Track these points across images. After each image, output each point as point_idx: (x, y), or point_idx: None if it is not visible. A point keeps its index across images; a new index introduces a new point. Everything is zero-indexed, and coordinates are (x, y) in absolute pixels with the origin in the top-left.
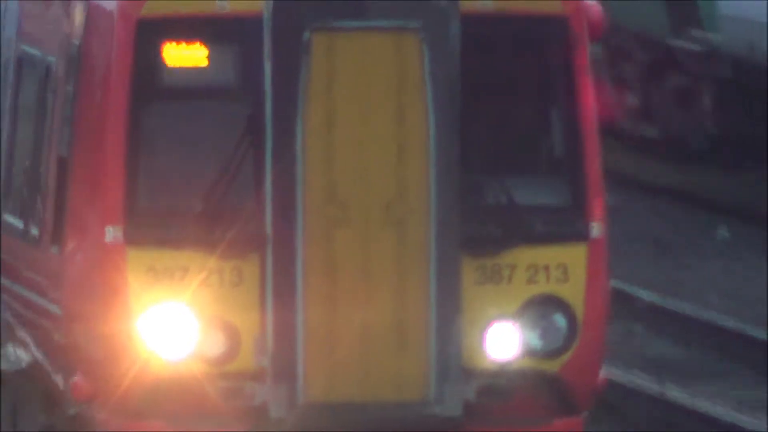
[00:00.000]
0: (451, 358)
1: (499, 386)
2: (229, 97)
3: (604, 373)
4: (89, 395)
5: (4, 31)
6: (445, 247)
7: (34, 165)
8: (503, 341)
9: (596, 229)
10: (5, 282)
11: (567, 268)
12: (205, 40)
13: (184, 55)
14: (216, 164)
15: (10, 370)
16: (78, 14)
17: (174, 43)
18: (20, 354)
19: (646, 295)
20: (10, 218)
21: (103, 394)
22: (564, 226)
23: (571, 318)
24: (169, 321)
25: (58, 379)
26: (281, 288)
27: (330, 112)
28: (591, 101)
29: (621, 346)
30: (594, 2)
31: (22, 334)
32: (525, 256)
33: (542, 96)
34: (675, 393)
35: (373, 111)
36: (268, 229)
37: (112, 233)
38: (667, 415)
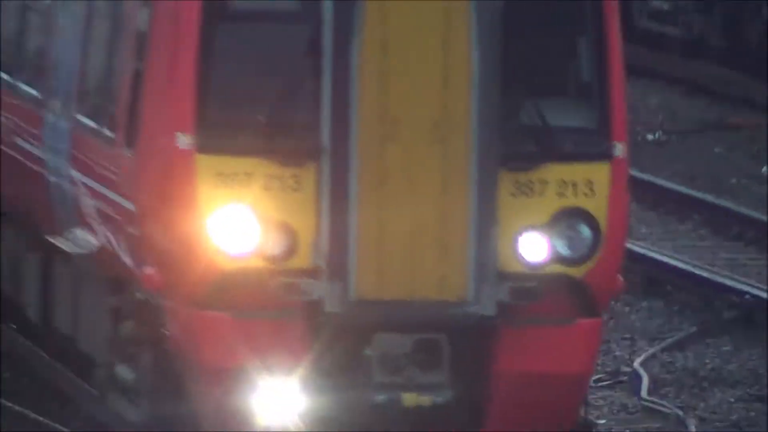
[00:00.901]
0: (487, 262)
1: (530, 288)
2: (291, 22)
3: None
4: (159, 285)
5: None
6: (484, 163)
7: (111, 74)
8: (534, 248)
9: (619, 149)
10: (77, 175)
11: (593, 184)
12: None
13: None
14: (279, 81)
15: (77, 252)
16: None
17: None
18: (89, 239)
19: None
20: (83, 119)
21: (171, 284)
22: (590, 146)
23: (595, 229)
24: (234, 221)
25: (128, 268)
26: (336, 194)
27: (383, 39)
28: (616, 34)
29: None
30: None
31: (93, 222)
32: (555, 172)
33: (572, 28)
34: None
35: (422, 41)
36: (325, 141)
37: (183, 140)
38: None
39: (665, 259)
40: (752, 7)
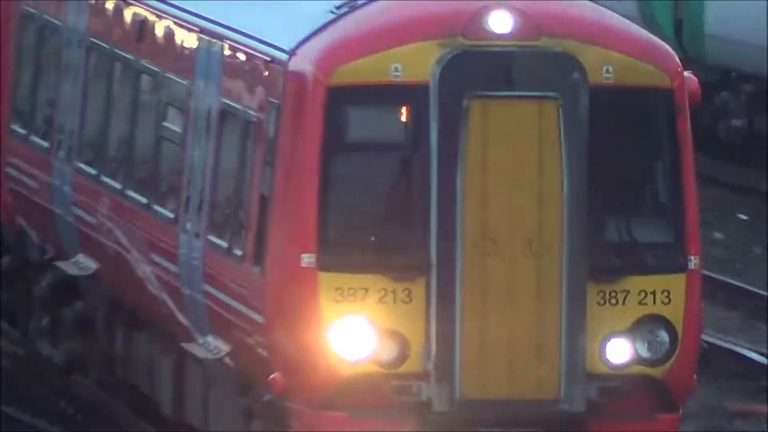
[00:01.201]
0: (578, 364)
1: (615, 388)
2: (400, 149)
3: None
4: (284, 388)
5: (198, 83)
6: (574, 276)
7: (238, 198)
8: (618, 351)
9: (693, 262)
10: (209, 288)
11: (670, 293)
12: (382, 103)
13: (370, 120)
14: (391, 204)
15: (208, 357)
16: (278, 77)
17: (357, 106)
18: (219, 346)
19: None
20: (214, 239)
21: (295, 388)
22: (668, 259)
23: (672, 334)
24: (352, 331)
25: (256, 372)
26: (443, 306)
27: (484, 163)
28: (690, 158)
29: None
30: (691, 75)
31: (223, 330)
32: (637, 283)
33: (652, 153)
34: None
35: (518, 164)
36: (433, 257)
37: (307, 259)
38: None
39: None
40: None
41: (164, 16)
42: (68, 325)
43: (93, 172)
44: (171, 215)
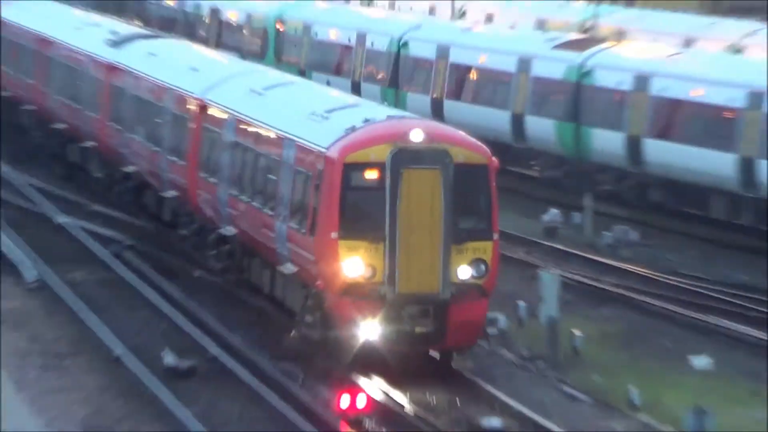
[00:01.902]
0: (447, 278)
1: (463, 288)
2: (374, 189)
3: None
4: (322, 287)
5: (285, 158)
6: (446, 242)
7: (303, 206)
8: (464, 273)
9: (495, 236)
10: (289, 245)
11: (486, 249)
12: (366, 170)
13: (362, 176)
14: (369, 213)
15: (288, 272)
16: (321, 158)
17: (358, 171)
18: (292, 268)
19: None
20: (292, 224)
21: (327, 287)
22: (485, 235)
23: (486, 266)
24: (352, 263)
25: (309, 279)
26: (390, 254)
27: (409, 195)
28: (495, 193)
29: None
30: (495, 158)
31: (294, 262)
32: (472, 245)
33: (479, 191)
34: None
35: (424, 196)
36: (387, 235)
37: (333, 234)
38: None
39: None
40: None
41: (270, 129)
42: (224, 255)
43: (236, 193)
44: (272, 213)
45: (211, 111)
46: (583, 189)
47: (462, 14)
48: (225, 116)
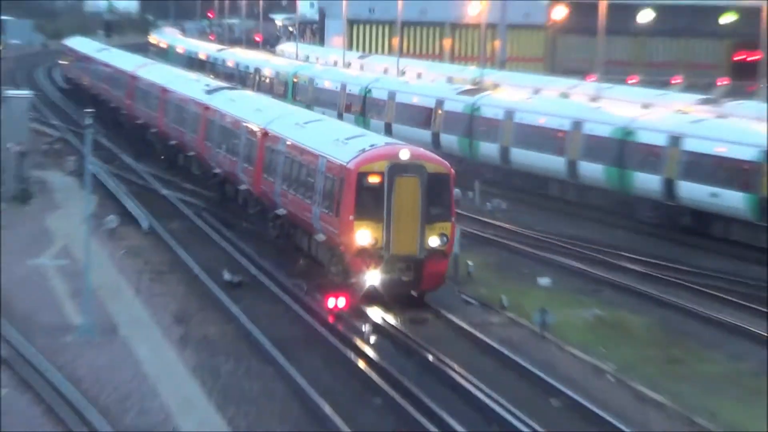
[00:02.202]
0: (422, 245)
1: (432, 252)
2: (377, 189)
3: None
4: (343, 250)
5: (319, 168)
6: (422, 222)
7: (330, 197)
8: (433, 242)
9: (452, 219)
10: (321, 222)
11: (447, 228)
12: (372, 176)
13: (370, 179)
14: (373, 204)
15: (321, 240)
16: (344, 168)
17: (367, 176)
18: (324, 237)
19: None
20: (323, 208)
21: (346, 250)
22: (446, 219)
23: (446, 239)
24: (363, 235)
25: (335, 244)
26: (387, 229)
27: (399, 194)
28: (453, 193)
29: None
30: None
31: (325, 233)
32: (438, 225)
33: (443, 192)
34: None
35: (409, 195)
36: (384, 217)
37: (351, 216)
38: None
39: None
40: None
41: (308, 148)
42: (277, 226)
43: (286, 188)
44: (310, 201)
45: (270, 135)
46: (475, 177)
47: (403, 73)
48: (279, 139)
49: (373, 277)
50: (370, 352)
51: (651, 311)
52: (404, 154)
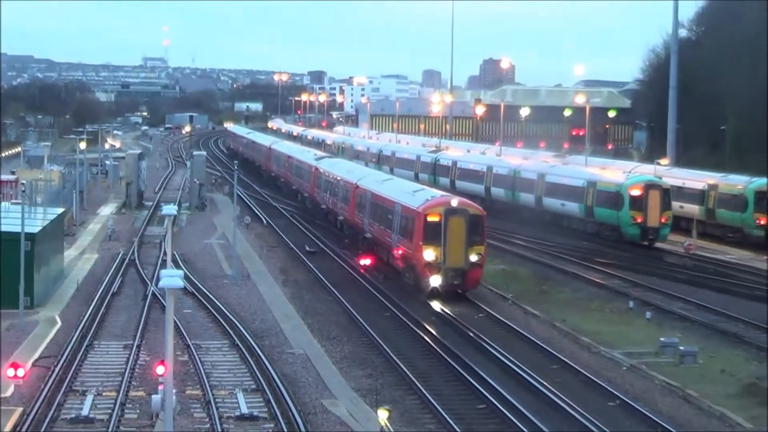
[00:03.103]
0: (466, 258)
1: (472, 263)
2: (437, 226)
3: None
4: (417, 265)
5: (396, 210)
6: (466, 246)
7: (406, 229)
8: (473, 257)
9: (485, 242)
10: (400, 243)
11: (482, 249)
12: (434, 217)
13: (433, 218)
14: (436, 236)
15: (398, 255)
16: (416, 211)
17: (430, 217)
18: (399, 254)
19: None
20: (400, 236)
21: (417, 263)
22: (480, 243)
23: (482, 256)
24: (429, 255)
25: (410, 258)
26: (443, 250)
27: (451, 230)
28: (485, 228)
29: None
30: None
31: (403, 249)
32: (476, 247)
33: (479, 226)
34: None
35: (457, 230)
36: (441, 244)
37: (420, 242)
38: None
39: None
40: None
41: (387, 196)
42: (365, 244)
43: (372, 221)
44: (390, 230)
45: (360, 187)
46: None
47: (398, 141)
48: (366, 190)
49: (435, 281)
50: (383, 290)
51: (531, 266)
52: (454, 202)
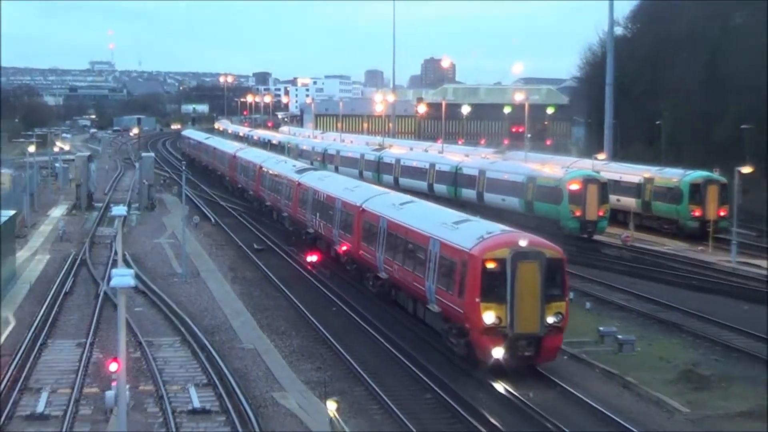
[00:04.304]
0: (542, 322)
1: (550, 327)
2: (500, 273)
3: None
4: (470, 327)
5: (431, 250)
6: (542, 303)
7: (451, 276)
8: (551, 319)
9: (566, 299)
10: (439, 297)
11: (563, 307)
12: (495, 262)
13: (492, 266)
14: (497, 286)
15: (435, 311)
16: (466, 253)
17: (490, 263)
18: (438, 308)
19: None
20: (440, 285)
21: (473, 325)
22: (560, 298)
23: (562, 317)
24: (489, 316)
25: (453, 319)
26: (509, 311)
27: (522, 276)
28: (566, 274)
29: None
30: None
31: (435, 305)
32: (555, 304)
33: (559, 274)
34: None
35: (530, 277)
36: (508, 294)
37: (477, 299)
38: None
39: None
40: None
41: (412, 227)
42: (378, 285)
43: (392, 258)
44: (423, 276)
45: (366, 211)
46: None
47: (343, 140)
48: (377, 215)
49: (497, 353)
50: (330, 285)
51: None
52: (524, 242)
